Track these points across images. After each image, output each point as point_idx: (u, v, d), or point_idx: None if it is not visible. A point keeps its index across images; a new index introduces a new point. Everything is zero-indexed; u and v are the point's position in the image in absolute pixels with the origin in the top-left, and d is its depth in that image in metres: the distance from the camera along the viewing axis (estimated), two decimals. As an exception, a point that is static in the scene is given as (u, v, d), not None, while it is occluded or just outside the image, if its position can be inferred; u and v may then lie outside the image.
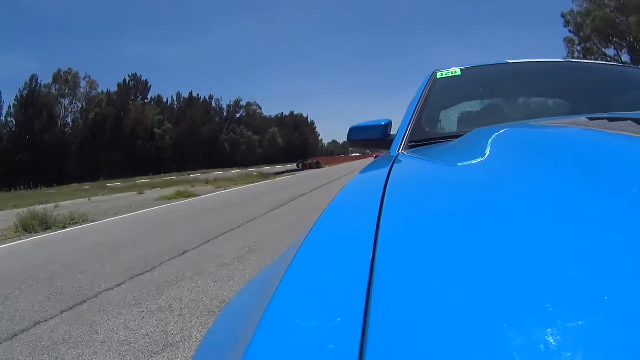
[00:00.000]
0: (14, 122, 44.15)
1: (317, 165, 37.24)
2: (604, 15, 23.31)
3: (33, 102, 43.86)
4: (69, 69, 48.14)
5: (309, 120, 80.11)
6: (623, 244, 0.22)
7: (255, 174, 23.82)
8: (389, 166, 0.58)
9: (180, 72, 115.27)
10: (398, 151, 1.03)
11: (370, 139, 1.33)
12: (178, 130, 53.24)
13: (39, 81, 45.54)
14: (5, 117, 44.11)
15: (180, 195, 11.88)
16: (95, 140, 46.55)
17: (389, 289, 0.22)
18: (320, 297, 0.24)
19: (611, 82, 1.39)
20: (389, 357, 0.18)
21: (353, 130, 1.38)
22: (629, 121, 0.53)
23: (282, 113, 75.46)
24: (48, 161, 42.06)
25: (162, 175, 37.58)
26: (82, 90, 48.39)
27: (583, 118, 0.67)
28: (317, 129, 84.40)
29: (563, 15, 25.88)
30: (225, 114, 61.83)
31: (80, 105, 48.19)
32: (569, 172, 0.36)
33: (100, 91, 49.73)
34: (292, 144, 69.44)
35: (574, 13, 25.51)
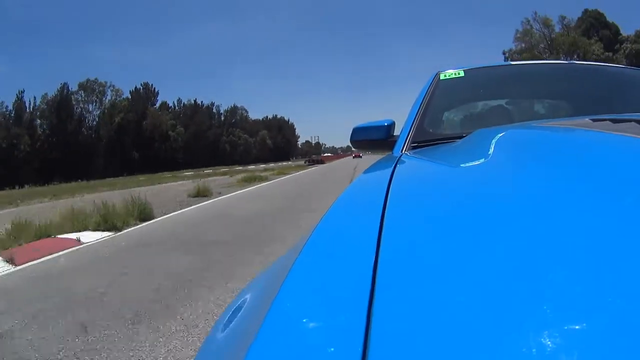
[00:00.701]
0: (46, 125, 47.81)
1: (321, 162, 43.69)
2: (533, 54, 32.22)
3: (64, 107, 48.07)
4: (95, 78, 53.44)
5: (289, 122, 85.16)
6: (625, 245, 0.22)
7: (276, 169, 28.75)
8: (392, 167, 0.57)
9: (156, 76, 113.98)
10: (401, 152, 1.03)
11: (373, 140, 1.32)
12: (187, 133, 57.19)
13: (69, 88, 50.14)
14: (29, 118, 47.26)
15: (253, 180, 15.53)
16: (120, 141, 50.93)
17: (392, 289, 0.22)
18: (323, 297, 0.24)
19: (615, 83, 1.38)
20: (391, 358, 0.18)
21: (356, 131, 1.37)
22: (633, 122, 0.52)
23: (267, 116, 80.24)
24: (77, 160, 45.81)
25: (182, 171, 41.07)
26: (108, 97, 53.25)
27: (586, 119, 0.65)
28: (296, 131, 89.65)
29: (504, 53, 37.15)
30: (222, 118, 66.87)
31: (103, 111, 52.23)
32: (572, 173, 0.35)
33: (124, 97, 54.50)
34: (277, 145, 74.78)
35: (512, 51, 35.48)
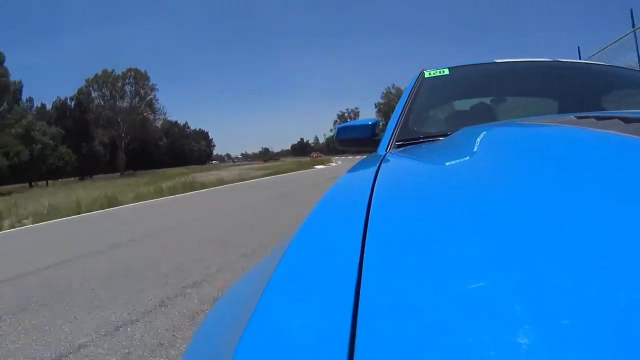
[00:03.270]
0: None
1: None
2: (390, 106, 47.78)
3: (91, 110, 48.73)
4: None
5: (208, 133, 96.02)
6: (606, 241, 0.22)
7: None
8: (377, 165, 0.57)
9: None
10: (386, 150, 1.03)
11: (358, 138, 1.32)
12: (168, 142, 66.67)
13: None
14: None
15: (280, 172, 19.61)
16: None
17: (378, 288, 0.22)
18: (308, 296, 0.24)
19: (599, 81, 1.40)
20: (378, 357, 0.18)
21: (341, 130, 1.37)
22: (616, 120, 0.52)
23: (199, 128, 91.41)
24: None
25: (177, 167, 45.95)
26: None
27: (571, 117, 0.65)
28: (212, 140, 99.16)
29: (376, 105, 62.71)
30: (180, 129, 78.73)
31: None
32: (555, 170, 0.35)
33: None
34: (201, 151, 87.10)
35: (379, 102, 61.25)
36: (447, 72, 1.38)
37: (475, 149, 0.52)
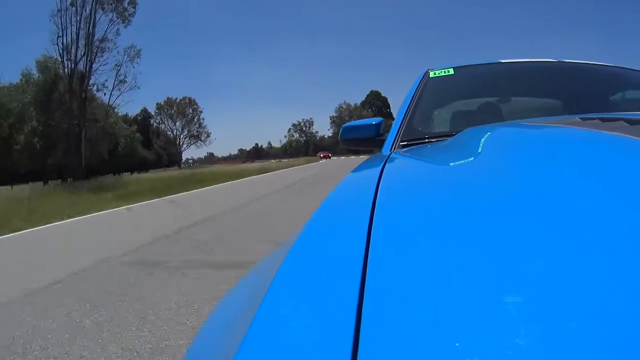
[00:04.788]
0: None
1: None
2: (342, 119, 51.59)
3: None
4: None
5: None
6: (611, 243, 0.22)
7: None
8: (381, 165, 0.57)
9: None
10: (390, 150, 1.03)
11: (362, 138, 1.32)
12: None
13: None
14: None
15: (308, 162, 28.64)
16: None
17: (382, 289, 0.22)
18: (312, 297, 0.24)
19: (604, 82, 1.39)
20: (381, 358, 0.18)
21: (345, 130, 1.37)
22: (621, 121, 0.52)
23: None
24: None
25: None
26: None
27: (576, 118, 0.65)
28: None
29: (331, 117, 64.51)
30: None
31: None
32: (560, 171, 0.35)
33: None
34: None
35: (333, 116, 64.38)
36: (452, 72, 1.38)
37: (480, 150, 0.52)
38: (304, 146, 73.64)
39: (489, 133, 0.61)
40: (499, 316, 0.18)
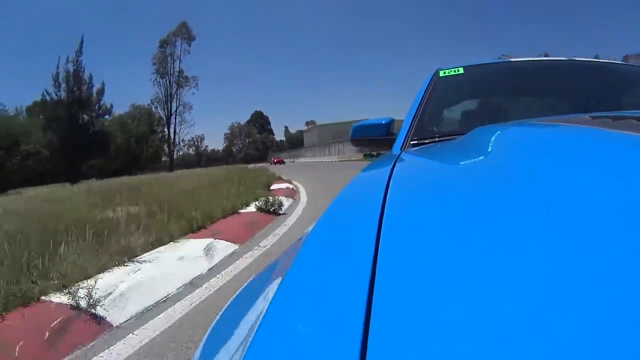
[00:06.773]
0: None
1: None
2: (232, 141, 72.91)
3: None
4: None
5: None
6: (626, 243, 0.22)
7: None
8: (391, 165, 0.57)
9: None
10: (400, 149, 1.03)
11: (372, 138, 1.32)
12: None
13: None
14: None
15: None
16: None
17: (391, 290, 0.22)
18: (321, 297, 0.24)
19: (615, 80, 1.37)
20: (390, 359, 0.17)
21: (356, 129, 1.37)
22: (632, 120, 0.52)
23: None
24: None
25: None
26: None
27: (586, 116, 0.65)
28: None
29: (225, 134, 79.05)
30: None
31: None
32: (571, 170, 0.35)
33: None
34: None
35: (227, 133, 79.12)
36: (461, 71, 1.37)
37: (490, 149, 0.52)
38: (195, 158, 74.72)
39: (499, 132, 0.61)
40: (511, 319, 0.18)
